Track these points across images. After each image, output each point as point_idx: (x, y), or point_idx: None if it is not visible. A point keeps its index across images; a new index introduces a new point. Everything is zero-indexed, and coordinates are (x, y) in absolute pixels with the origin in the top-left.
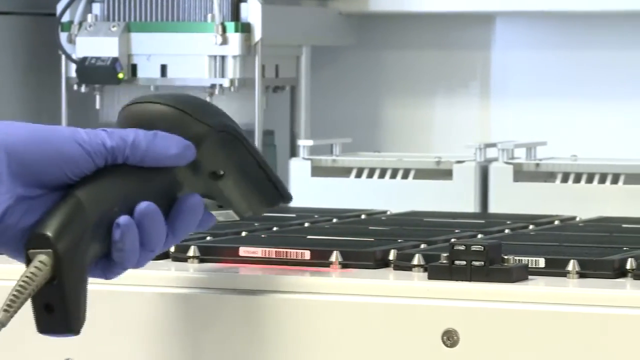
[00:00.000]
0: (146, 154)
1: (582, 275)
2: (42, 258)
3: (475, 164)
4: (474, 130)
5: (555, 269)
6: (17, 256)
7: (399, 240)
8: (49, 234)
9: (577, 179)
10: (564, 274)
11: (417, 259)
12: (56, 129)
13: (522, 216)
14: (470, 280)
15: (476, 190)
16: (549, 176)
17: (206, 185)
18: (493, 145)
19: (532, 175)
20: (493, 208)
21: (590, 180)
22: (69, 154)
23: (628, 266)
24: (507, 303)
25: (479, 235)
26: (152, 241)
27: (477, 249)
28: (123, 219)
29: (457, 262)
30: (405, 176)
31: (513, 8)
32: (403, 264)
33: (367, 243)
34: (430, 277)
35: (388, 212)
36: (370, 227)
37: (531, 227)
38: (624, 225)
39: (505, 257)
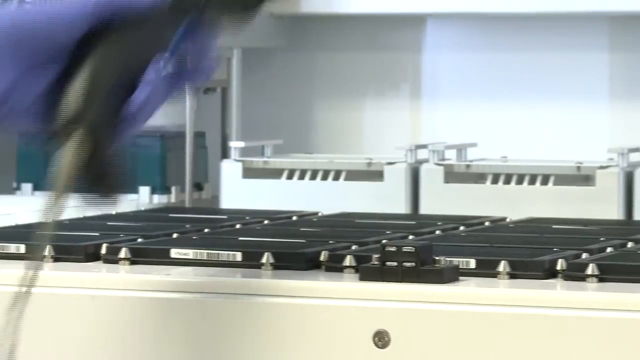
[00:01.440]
0: (128, 6)
1: (512, 276)
2: (77, 136)
3: (406, 166)
4: (404, 131)
5: (486, 269)
6: (31, 136)
7: (330, 242)
8: (79, 107)
9: (508, 180)
10: (495, 274)
11: (348, 260)
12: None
13: (452, 217)
14: (401, 281)
15: (407, 192)
16: (480, 177)
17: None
18: (424, 146)
19: (462, 176)
20: (424, 209)
21: (520, 181)
22: (56, 18)
23: (558, 267)
24: (438, 304)
25: (410, 237)
26: (159, 104)
27: (408, 250)
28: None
29: (388, 263)
30: (336, 177)
31: (444, 10)
32: (334, 265)
33: (299, 244)
34: (361, 278)
35: (319, 214)
36: (302, 229)
37: (462, 228)
38: (554, 226)
39: (436, 258)
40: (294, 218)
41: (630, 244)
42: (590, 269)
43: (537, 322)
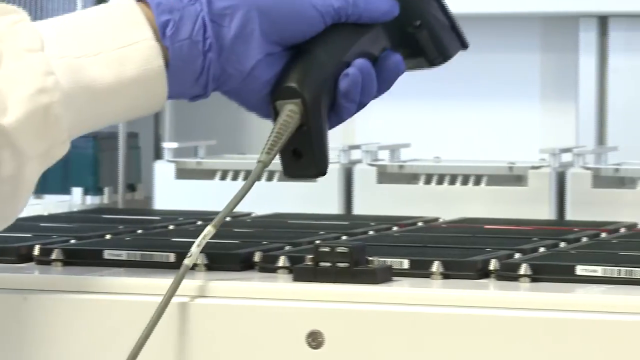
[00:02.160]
0: (364, 11)
1: (445, 276)
2: (292, 107)
3: (340, 166)
4: (338, 132)
5: (419, 270)
6: (256, 106)
7: (264, 242)
8: (297, 85)
9: (440, 181)
10: (428, 275)
11: (282, 261)
12: None
13: (386, 217)
14: (335, 281)
15: (340, 192)
16: (413, 178)
17: (404, 37)
18: (357, 147)
19: (395, 176)
20: (357, 209)
21: (453, 181)
22: (308, 15)
23: (491, 267)
24: (371, 304)
25: (344, 237)
26: (367, 93)
27: (341, 250)
28: (351, 69)
29: (321, 264)
30: (270, 178)
31: None
32: (268, 266)
33: (232, 245)
34: (295, 279)
35: (253, 214)
36: (235, 229)
37: (395, 228)
38: (487, 226)
39: (370, 258)
40: (228, 219)
41: (562, 244)
42: (523, 269)
43: (470, 322)
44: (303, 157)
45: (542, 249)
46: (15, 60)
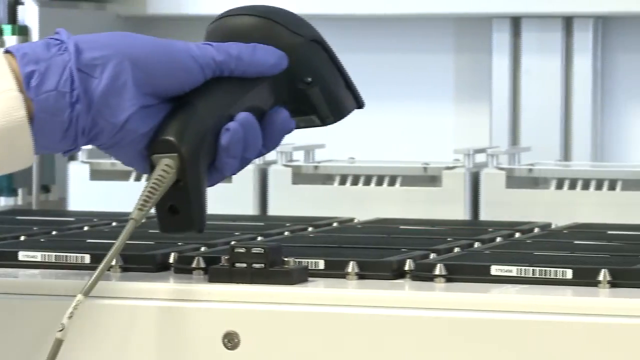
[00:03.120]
0: (249, 66)
1: (361, 276)
2: (168, 162)
3: (255, 167)
4: None
5: (335, 270)
6: (133, 161)
7: (179, 243)
8: (174, 139)
9: (355, 181)
10: (344, 275)
11: (197, 262)
12: (172, 43)
13: (301, 218)
14: (250, 282)
15: (255, 193)
16: (327, 178)
17: (295, 92)
18: None
19: (310, 177)
20: (272, 210)
21: (368, 182)
22: (185, 66)
23: (406, 267)
24: (287, 305)
25: (259, 238)
26: (251, 149)
27: (257, 251)
28: (232, 124)
29: (237, 265)
30: None
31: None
32: (183, 267)
33: (148, 246)
34: (210, 280)
35: None
36: (150, 231)
37: (310, 229)
38: (402, 227)
39: (286, 259)
40: (143, 220)
41: (476, 244)
42: (438, 269)
43: (385, 322)
44: (179, 214)
45: (457, 249)
46: None
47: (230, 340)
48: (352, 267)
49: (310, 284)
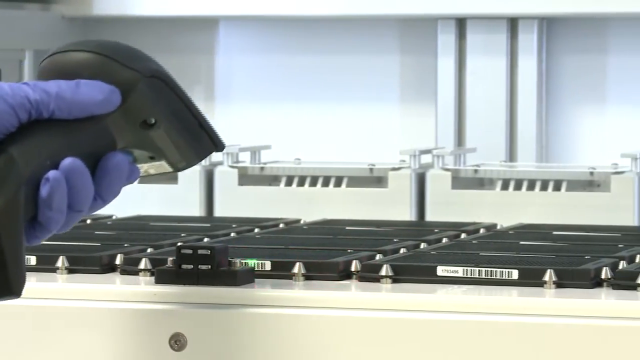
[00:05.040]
0: (72, 104)
1: (307, 277)
2: None
3: (201, 168)
4: None
5: (282, 271)
6: None
7: (126, 245)
8: None
9: (301, 182)
10: (290, 276)
11: (143, 264)
12: None
13: (247, 219)
14: (197, 284)
15: (202, 194)
16: (274, 179)
17: (137, 135)
18: None
19: (256, 178)
20: (219, 212)
21: (314, 183)
22: None
23: (353, 268)
24: (234, 306)
25: (206, 239)
26: (80, 200)
27: (203, 252)
28: (52, 173)
29: (184, 266)
30: None
31: (236, 13)
32: (130, 269)
33: (94, 248)
34: (157, 281)
35: (114, 217)
36: (97, 232)
37: (257, 230)
38: (348, 228)
39: (232, 260)
40: (88, 221)
41: (423, 245)
42: (384, 270)
43: (332, 322)
44: None
45: (403, 250)
46: None
47: (177, 342)
48: (298, 268)
49: (257, 285)
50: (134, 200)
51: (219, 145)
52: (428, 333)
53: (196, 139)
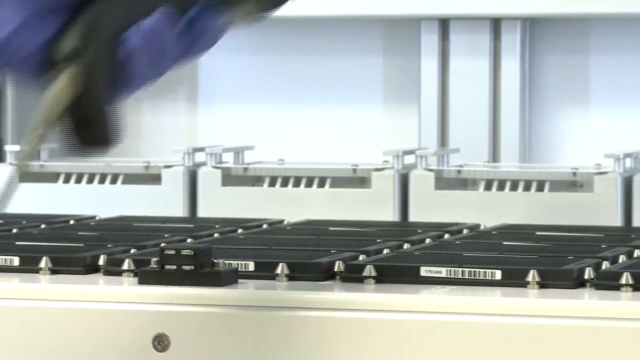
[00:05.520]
0: None
1: (291, 278)
2: (71, 73)
3: (184, 169)
4: (182, 134)
5: (265, 272)
6: (31, 81)
7: (109, 246)
8: (77, 47)
9: (285, 183)
10: (274, 277)
11: (127, 264)
12: None
13: (231, 220)
14: (180, 284)
15: (185, 195)
16: (257, 180)
17: None
18: (201, 149)
19: (240, 179)
20: (202, 212)
21: (297, 183)
22: None
23: (336, 268)
24: (217, 307)
25: (189, 240)
26: (165, 56)
27: (187, 253)
28: (140, 28)
29: (167, 267)
30: (113, 181)
31: None
32: (113, 269)
33: (77, 248)
34: (140, 282)
35: (97, 217)
36: (80, 233)
37: (240, 230)
38: (331, 228)
39: (215, 261)
40: (71, 222)
41: (406, 245)
42: (368, 271)
43: (315, 323)
44: (88, 129)
45: (386, 251)
46: None
47: (160, 342)
48: (281, 268)
49: (240, 285)
50: (117, 201)
51: None
52: (411, 334)
53: None
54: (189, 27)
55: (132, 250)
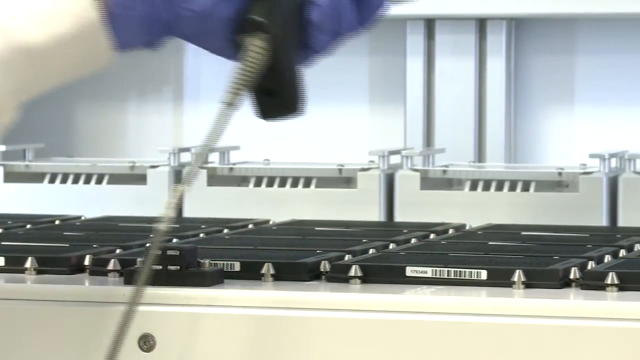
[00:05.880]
0: None
1: (276, 278)
2: (258, 42)
3: (169, 169)
4: (167, 134)
5: (251, 272)
6: (219, 48)
7: (94, 246)
8: (263, 18)
9: (270, 183)
10: (259, 277)
11: (112, 264)
12: None
13: (216, 220)
14: (166, 284)
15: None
16: (243, 180)
17: None
18: (187, 149)
19: (225, 179)
20: (188, 212)
21: (283, 184)
22: None
23: (322, 268)
24: (203, 307)
25: (175, 240)
26: (344, 24)
27: (172, 253)
28: None
29: (153, 267)
30: (99, 181)
31: None
32: (99, 269)
33: (62, 249)
34: (126, 282)
35: (82, 218)
36: (65, 233)
37: (226, 231)
38: (317, 228)
39: (201, 261)
40: (57, 222)
41: (391, 245)
42: (353, 271)
43: (300, 323)
44: (276, 96)
45: (372, 251)
46: None
47: (146, 342)
48: (267, 268)
49: (226, 285)
50: (102, 201)
51: None
52: (397, 333)
53: None
54: None
55: (118, 251)
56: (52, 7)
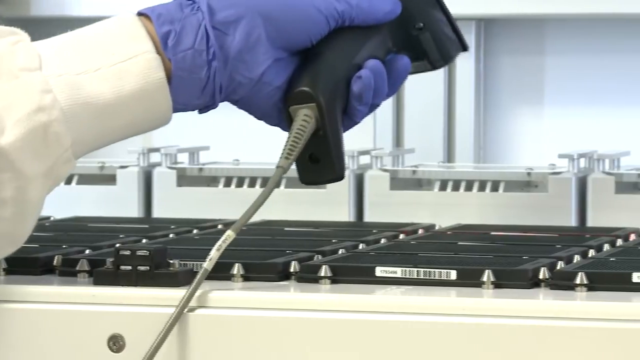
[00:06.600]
0: (367, 14)
1: (246, 278)
2: (307, 112)
3: (139, 169)
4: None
5: (220, 272)
6: (267, 113)
7: (64, 246)
8: (311, 89)
9: (240, 183)
10: (229, 277)
11: (81, 265)
12: None
13: (186, 220)
14: (136, 285)
15: (140, 195)
16: (212, 180)
17: (408, 39)
18: (156, 150)
19: (195, 179)
20: (157, 213)
21: (252, 184)
22: (312, 18)
23: (292, 269)
24: (172, 307)
25: (144, 240)
26: (379, 95)
27: (142, 253)
28: (364, 71)
29: (122, 267)
30: (68, 182)
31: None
32: (68, 270)
33: (32, 249)
34: (95, 283)
35: (51, 218)
36: (35, 233)
37: (195, 231)
38: (287, 229)
39: (171, 261)
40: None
41: (361, 246)
42: (323, 271)
43: (270, 324)
44: (320, 162)
45: (341, 251)
46: (12, 79)
47: (115, 343)
48: (237, 269)
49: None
50: (71, 201)
51: (465, 47)
52: (367, 334)
53: (451, 40)
54: (389, 69)
55: (87, 251)
56: (120, 66)
